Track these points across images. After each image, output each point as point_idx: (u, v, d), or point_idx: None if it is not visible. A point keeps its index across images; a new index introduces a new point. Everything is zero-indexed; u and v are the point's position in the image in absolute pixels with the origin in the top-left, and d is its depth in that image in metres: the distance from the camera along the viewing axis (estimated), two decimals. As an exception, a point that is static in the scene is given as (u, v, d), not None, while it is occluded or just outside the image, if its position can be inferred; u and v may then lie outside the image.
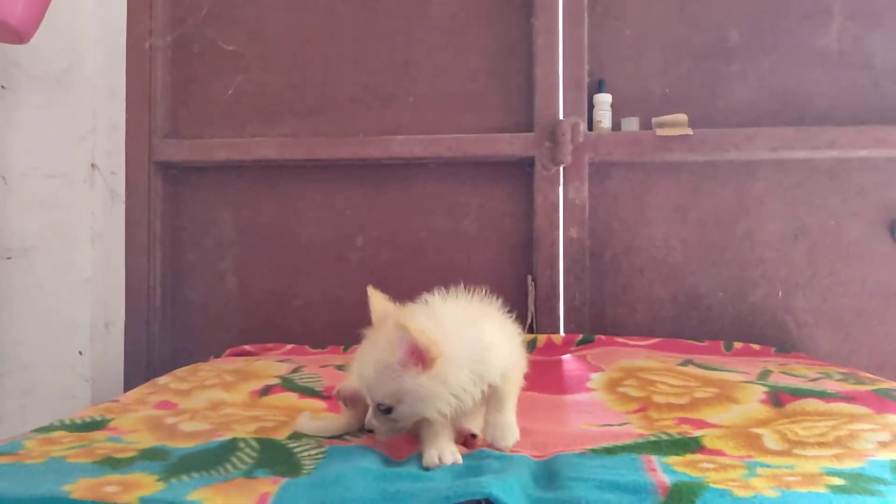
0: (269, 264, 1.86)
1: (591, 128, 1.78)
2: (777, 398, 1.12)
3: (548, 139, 1.74)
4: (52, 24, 1.56)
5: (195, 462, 0.87)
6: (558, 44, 1.77)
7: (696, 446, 0.93)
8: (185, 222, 1.89)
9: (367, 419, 0.93)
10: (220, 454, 0.90)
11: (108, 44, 1.82)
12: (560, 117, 1.76)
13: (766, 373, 1.32)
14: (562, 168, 1.76)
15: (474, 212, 1.83)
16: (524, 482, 0.77)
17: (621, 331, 1.76)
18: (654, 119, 1.77)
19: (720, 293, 1.77)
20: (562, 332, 1.75)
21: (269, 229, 1.87)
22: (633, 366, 1.37)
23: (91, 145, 1.76)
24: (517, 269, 1.81)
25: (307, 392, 1.25)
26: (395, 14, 1.86)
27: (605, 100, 1.78)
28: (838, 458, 0.86)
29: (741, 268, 1.77)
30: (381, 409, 0.89)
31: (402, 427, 0.91)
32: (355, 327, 0.95)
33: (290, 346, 1.70)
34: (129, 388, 1.54)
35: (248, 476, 0.82)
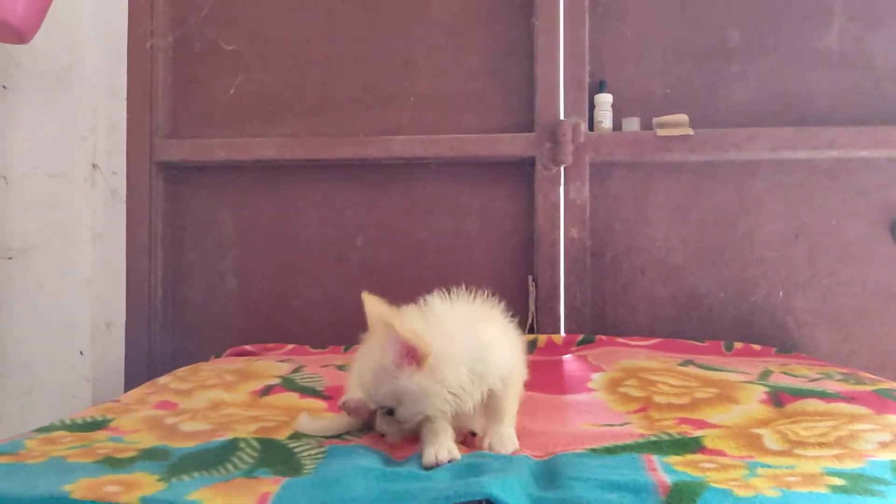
0: (270, 264, 1.87)
1: (591, 128, 1.78)
2: (777, 398, 1.13)
3: (549, 139, 1.74)
4: (52, 24, 1.56)
5: (196, 462, 0.87)
6: (559, 44, 1.77)
7: (696, 446, 0.93)
8: (185, 222, 1.89)
9: (376, 424, 0.94)
10: (221, 454, 0.90)
11: (109, 43, 1.82)
12: (561, 117, 1.76)
13: (766, 373, 1.32)
14: (563, 168, 1.76)
15: (475, 212, 1.83)
16: (525, 482, 0.77)
17: (622, 331, 1.76)
18: (654, 119, 1.77)
19: (721, 293, 1.77)
20: (562, 332, 1.75)
21: (269, 229, 1.87)
22: (634, 366, 1.37)
23: (91, 145, 1.76)
24: (518, 270, 1.81)
25: (308, 392, 1.26)
26: (395, 14, 1.86)
27: (605, 100, 1.78)
28: (839, 458, 0.86)
29: (741, 268, 1.77)
30: (384, 411, 0.89)
31: (409, 428, 0.92)
32: (355, 327, 0.95)
33: (290, 346, 1.70)
34: (129, 388, 1.54)
35: (248, 476, 0.82)
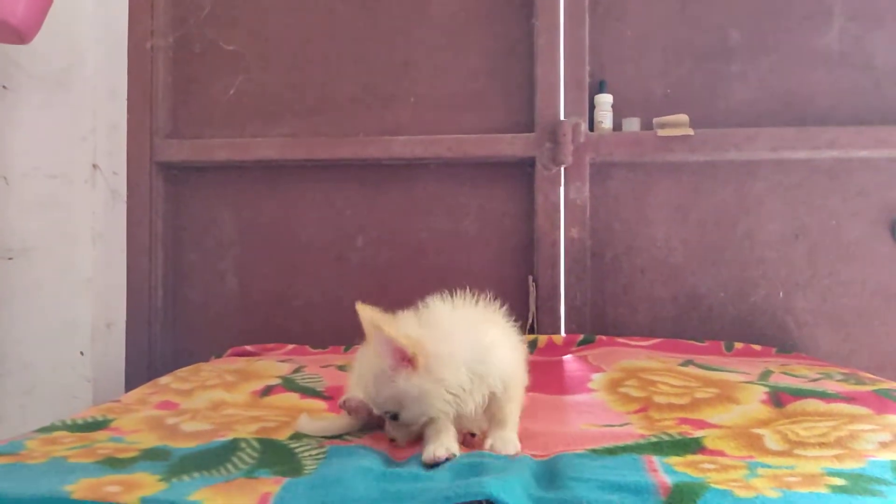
0: (270, 264, 1.87)
1: (592, 128, 1.78)
2: (778, 398, 1.13)
3: (549, 139, 1.74)
4: (52, 25, 1.56)
5: (196, 462, 0.87)
6: (559, 44, 1.77)
7: (697, 447, 0.93)
8: (185, 222, 1.89)
9: (386, 430, 0.95)
10: (222, 454, 0.90)
11: (109, 44, 1.82)
12: (561, 118, 1.76)
13: (766, 373, 1.33)
14: (563, 168, 1.76)
15: (475, 212, 1.83)
16: (525, 482, 0.77)
17: (622, 331, 1.76)
18: (655, 119, 1.77)
19: (721, 293, 1.77)
20: (563, 332, 1.75)
21: (269, 229, 1.87)
22: (634, 366, 1.37)
23: (92, 145, 1.76)
24: (518, 270, 1.80)
25: (308, 392, 1.26)
26: (395, 14, 1.85)
27: (606, 100, 1.78)
28: (839, 458, 0.87)
29: (741, 268, 1.77)
30: (389, 416, 0.91)
31: (416, 431, 0.92)
32: (355, 328, 0.95)
33: (291, 346, 1.70)
34: (130, 388, 1.54)
35: (249, 476, 0.82)
